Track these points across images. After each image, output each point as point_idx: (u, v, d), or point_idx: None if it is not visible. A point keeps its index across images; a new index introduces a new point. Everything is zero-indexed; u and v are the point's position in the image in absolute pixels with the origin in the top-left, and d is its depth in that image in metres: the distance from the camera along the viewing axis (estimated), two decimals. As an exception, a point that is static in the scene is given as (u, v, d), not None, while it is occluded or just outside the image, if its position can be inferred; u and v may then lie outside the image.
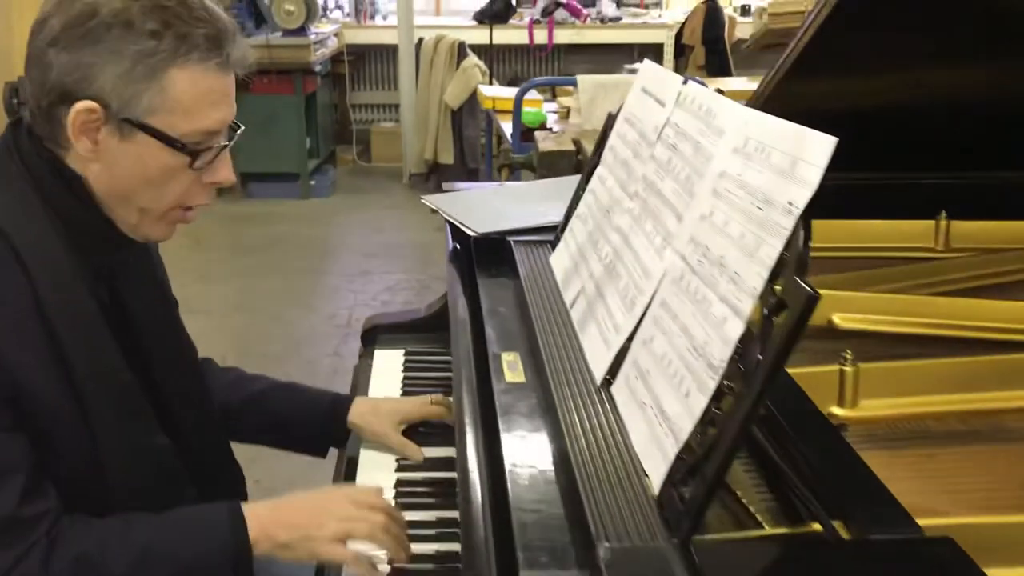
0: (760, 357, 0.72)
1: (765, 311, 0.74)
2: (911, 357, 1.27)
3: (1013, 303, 1.37)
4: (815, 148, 0.76)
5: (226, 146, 1.08)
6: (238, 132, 1.12)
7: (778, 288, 0.75)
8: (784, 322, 0.70)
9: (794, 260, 0.72)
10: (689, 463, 0.78)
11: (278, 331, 3.88)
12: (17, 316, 0.98)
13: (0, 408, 0.96)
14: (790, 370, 1.08)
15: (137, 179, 1.04)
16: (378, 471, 1.34)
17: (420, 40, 5.93)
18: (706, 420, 0.78)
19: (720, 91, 1.11)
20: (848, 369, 1.13)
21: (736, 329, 0.78)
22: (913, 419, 1.18)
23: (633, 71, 3.41)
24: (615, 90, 3.15)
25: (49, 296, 0.99)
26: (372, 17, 6.63)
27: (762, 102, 1.53)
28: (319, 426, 1.41)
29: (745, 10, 6.59)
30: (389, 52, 6.55)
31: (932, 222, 1.68)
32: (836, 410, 1.14)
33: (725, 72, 5.62)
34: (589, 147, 2.85)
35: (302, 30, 5.62)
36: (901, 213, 1.70)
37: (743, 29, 6.37)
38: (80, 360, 1.01)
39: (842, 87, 1.57)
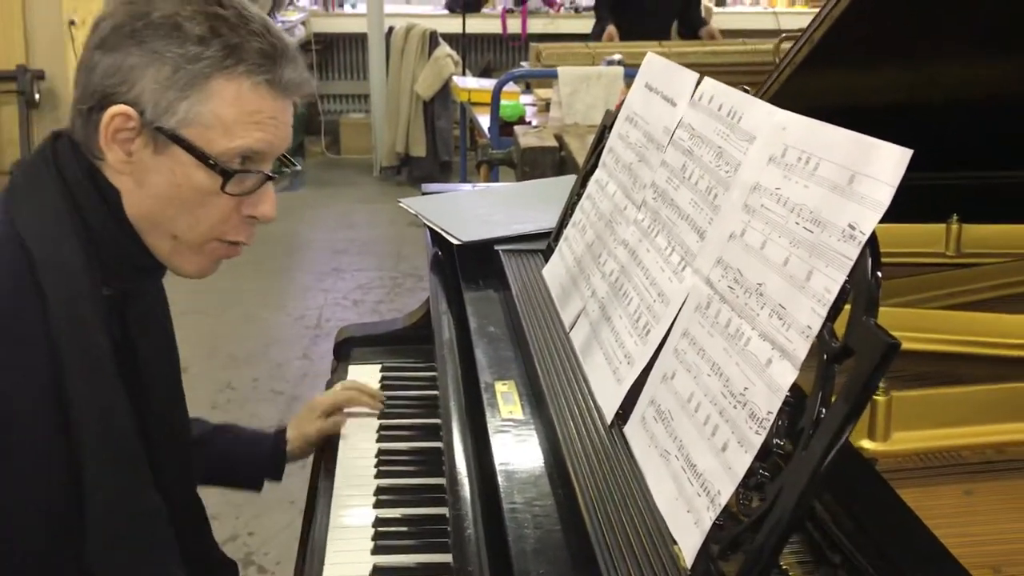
0: (822, 411, 0.60)
1: (824, 356, 0.62)
2: (940, 379, 1.16)
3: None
4: (882, 161, 0.65)
5: (271, 177, 0.98)
6: (287, 171, 1.00)
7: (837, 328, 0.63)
8: (856, 373, 0.58)
9: (864, 296, 0.60)
10: (731, 534, 0.66)
11: (246, 332, 3.73)
12: (18, 339, 0.88)
13: None
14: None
15: (169, 199, 0.95)
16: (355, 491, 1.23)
17: (390, 29, 5.77)
18: (751, 483, 0.65)
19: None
20: (880, 399, 1.02)
21: (786, 375, 0.66)
22: (948, 451, 1.07)
23: (613, 63, 3.28)
24: (597, 82, 3.03)
25: (62, 325, 0.89)
26: (340, 5, 6.46)
27: (768, 98, 1.42)
28: (262, 464, 1.38)
29: (721, 0, 6.50)
30: (358, 41, 6.38)
31: (943, 226, 1.58)
32: (867, 444, 1.03)
33: (703, 63, 5.52)
34: (573, 143, 2.73)
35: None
36: (909, 216, 1.60)
37: (720, 19, 6.28)
38: (82, 399, 0.90)
39: (854, 83, 1.47)
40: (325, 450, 1.38)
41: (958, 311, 1.34)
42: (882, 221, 1.75)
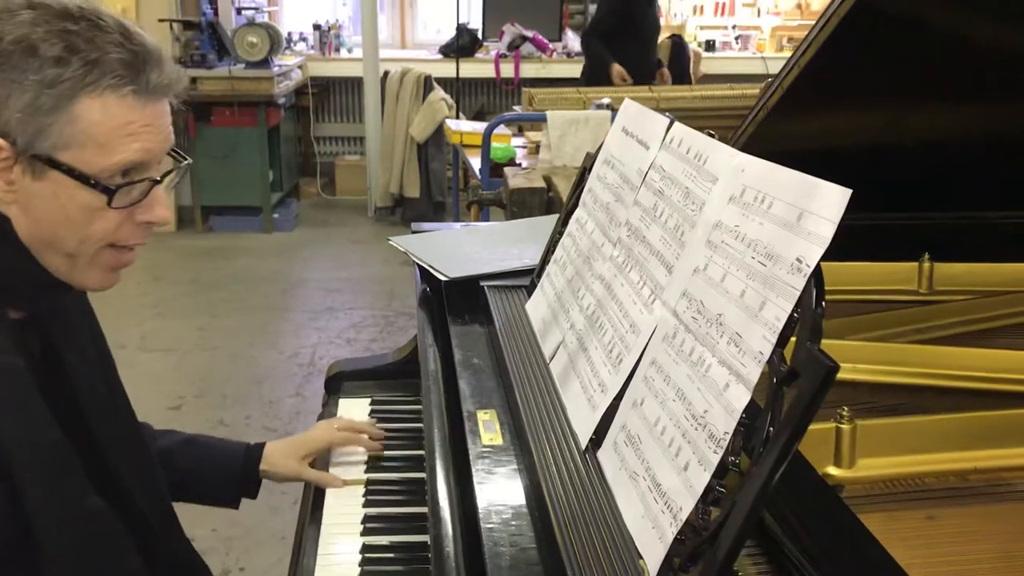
0: (771, 430, 0.65)
1: (774, 380, 0.67)
2: (905, 410, 1.21)
3: (1006, 352, 1.32)
4: (826, 200, 0.70)
5: (158, 181, 0.97)
6: (181, 166, 1.01)
7: (787, 354, 0.68)
8: (799, 395, 0.63)
9: (808, 324, 0.66)
10: (691, 547, 0.70)
11: (239, 370, 3.76)
12: None
13: None
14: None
15: (58, 222, 0.94)
16: (342, 539, 1.25)
17: (386, 73, 5.88)
18: (709, 499, 0.70)
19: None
20: (845, 427, 1.07)
21: (740, 398, 0.71)
22: (912, 478, 1.12)
23: (602, 107, 3.37)
24: (585, 126, 3.10)
25: None
26: (337, 50, 6.57)
27: (743, 141, 1.48)
28: (232, 480, 1.38)
29: (710, 45, 6.64)
30: (354, 84, 6.49)
31: (915, 264, 1.64)
32: (833, 470, 1.07)
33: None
34: (560, 184, 2.80)
35: (265, 62, 5.54)
36: (883, 255, 1.65)
37: (708, 64, 6.41)
38: (3, 416, 0.91)
39: (825, 126, 1.53)
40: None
41: (928, 345, 1.40)
42: (858, 260, 1.80)
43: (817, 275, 0.67)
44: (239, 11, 6.01)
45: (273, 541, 2.62)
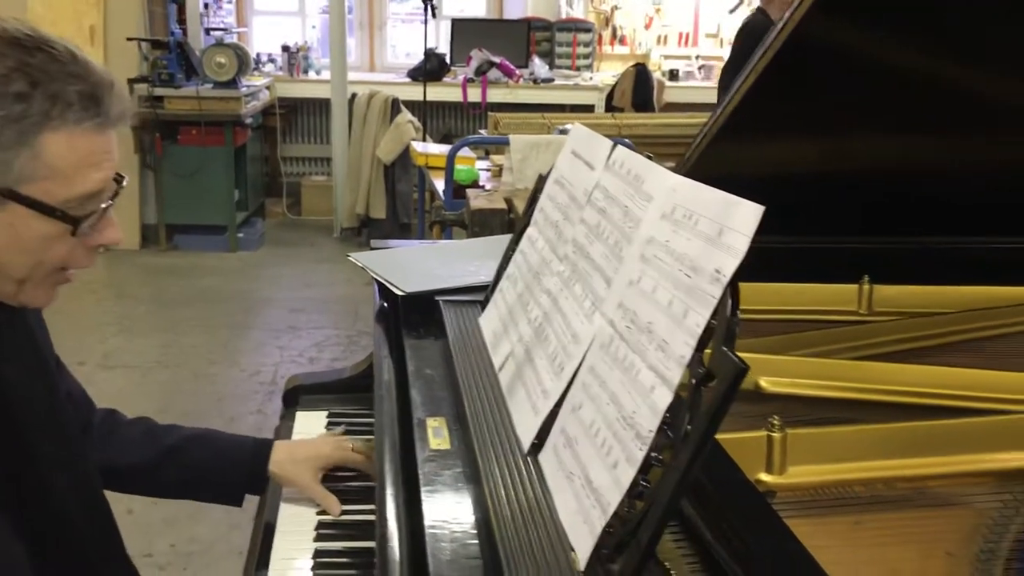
0: (689, 428, 0.71)
1: (693, 381, 0.73)
2: (838, 422, 1.27)
3: (934, 368, 1.39)
4: (742, 216, 0.76)
5: (110, 205, 0.99)
6: (122, 184, 1.03)
7: (707, 357, 0.73)
8: (714, 394, 0.69)
9: (723, 329, 0.71)
10: (617, 537, 0.75)
11: (201, 388, 3.77)
12: None
13: None
14: (717, 435, 1.07)
15: (12, 251, 0.95)
16: (296, 537, 1.28)
17: (353, 95, 5.93)
18: (634, 493, 0.75)
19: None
20: (776, 435, 1.12)
21: (664, 398, 0.76)
22: (841, 485, 1.17)
23: (565, 132, 3.44)
24: (546, 150, 3.17)
25: None
26: (305, 72, 6.62)
27: (690, 166, 1.55)
28: (241, 474, 1.35)
29: (674, 75, 6.77)
30: (321, 106, 6.53)
31: (856, 286, 1.71)
32: (764, 477, 1.13)
33: (654, 134, 5.73)
34: (520, 205, 2.86)
35: (233, 82, 5.58)
36: (825, 277, 1.72)
37: (672, 93, 6.53)
38: None
39: (768, 153, 1.60)
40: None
41: (862, 362, 1.46)
42: (801, 281, 1.87)
43: (733, 285, 0.73)
44: (208, 31, 6.04)
45: (232, 556, 2.62)
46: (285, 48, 6.60)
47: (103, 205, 0.98)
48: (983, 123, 1.53)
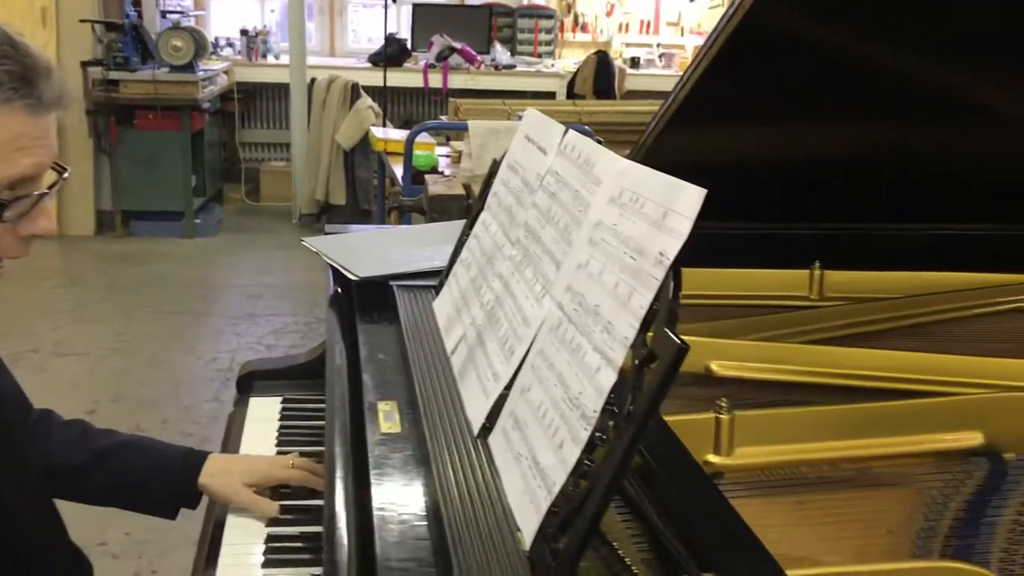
0: (631, 408, 0.72)
1: (637, 361, 0.73)
2: (787, 404, 1.29)
3: (880, 352, 1.42)
4: (685, 199, 0.77)
5: (45, 194, 0.96)
6: (64, 176, 1.00)
7: (650, 338, 0.74)
8: (655, 373, 0.70)
9: (665, 311, 0.72)
10: (561, 516, 0.76)
11: (156, 375, 3.73)
12: None
13: None
14: (667, 418, 1.08)
15: None
16: (247, 529, 1.27)
17: (313, 80, 5.87)
18: (579, 472, 0.76)
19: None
20: (724, 417, 1.14)
21: (608, 379, 0.77)
22: (787, 466, 1.20)
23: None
24: (506, 136, 3.17)
25: None
26: (264, 56, 6.54)
27: (643, 153, 1.55)
28: (169, 487, 1.30)
29: (635, 62, 6.79)
30: (281, 91, 6.46)
31: (807, 271, 1.73)
32: (712, 458, 1.15)
33: (615, 121, 5.75)
34: (479, 191, 2.86)
35: (190, 66, 5.50)
36: (777, 262, 1.75)
37: (633, 81, 6.55)
38: None
39: (721, 139, 1.61)
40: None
41: (810, 345, 1.49)
42: (753, 267, 1.89)
43: (676, 267, 0.74)
44: (164, 14, 5.95)
45: (187, 544, 2.59)
46: (244, 32, 6.51)
47: (36, 193, 0.95)
48: (933, 110, 1.56)
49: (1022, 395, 1.23)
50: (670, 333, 0.70)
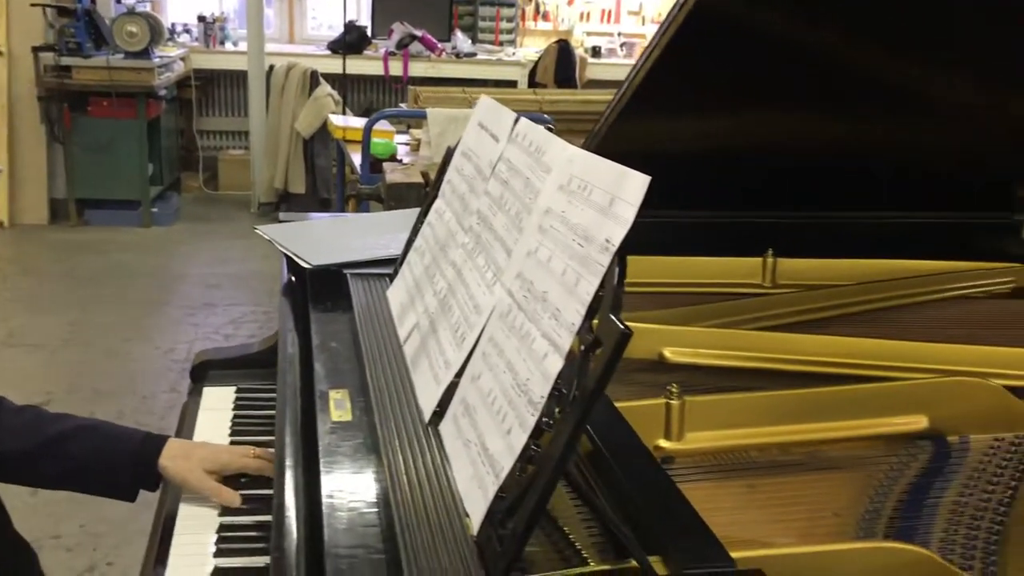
0: (576, 393, 0.72)
1: (583, 347, 0.74)
2: (739, 390, 1.31)
3: (830, 338, 1.44)
4: (630, 186, 0.77)
5: None
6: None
7: (595, 324, 0.75)
8: (599, 359, 0.70)
9: (609, 297, 0.73)
10: (508, 501, 0.76)
11: (113, 366, 3.68)
12: None
13: None
14: (618, 404, 1.09)
15: None
16: (200, 520, 1.27)
17: (271, 67, 5.81)
18: (526, 457, 0.77)
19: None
20: (674, 402, 1.15)
21: (555, 364, 0.77)
22: (737, 450, 1.21)
23: (484, 106, 3.43)
24: (465, 124, 3.15)
25: None
26: (222, 43, 6.45)
27: (598, 142, 1.56)
28: (128, 466, 1.30)
29: (596, 51, 6.80)
30: (239, 78, 6.38)
31: (760, 259, 1.75)
32: (663, 443, 1.16)
33: (576, 110, 5.76)
34: (437, 180, 2.85)
35: (146, 52, 5.41)
36: (731, 250, 1.76)
37: (594, 70, 6.57)
38: None
39: (673, 128, 1.62)
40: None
41: (762, 332, 1.50)
42: (710, 255, 1.90)
43: (621, 254, 0.74)
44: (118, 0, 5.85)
45: (142, 536, 2.55)
46: (201, 18, 6.42)
47: None
48: (882, 101, 1.58)
49: (966, 380, 1.26)
50: (614, 319, 0.70)
